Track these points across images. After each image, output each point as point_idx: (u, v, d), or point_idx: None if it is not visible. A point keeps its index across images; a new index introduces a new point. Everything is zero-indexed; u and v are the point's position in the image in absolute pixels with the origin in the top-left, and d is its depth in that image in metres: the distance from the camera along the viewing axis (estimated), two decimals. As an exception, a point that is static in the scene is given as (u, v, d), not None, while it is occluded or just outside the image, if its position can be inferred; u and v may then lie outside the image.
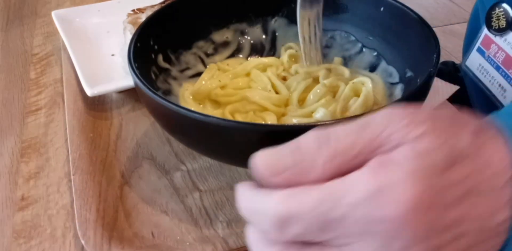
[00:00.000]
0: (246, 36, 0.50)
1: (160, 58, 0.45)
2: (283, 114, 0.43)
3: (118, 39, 0.60)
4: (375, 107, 0.43)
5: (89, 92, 0.50)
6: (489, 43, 0.48)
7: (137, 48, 0.40)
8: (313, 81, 0.45)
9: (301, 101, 0.44)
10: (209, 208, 0.40)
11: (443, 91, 0.49)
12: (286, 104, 0.44)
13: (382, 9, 0.44)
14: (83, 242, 0.37)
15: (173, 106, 0.32)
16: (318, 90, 0.43)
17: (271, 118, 0.42)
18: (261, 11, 0.50)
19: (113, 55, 0.58)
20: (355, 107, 0.41)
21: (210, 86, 0.45)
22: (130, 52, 0.39)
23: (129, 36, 0.48)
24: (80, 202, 0.40)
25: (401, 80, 0.43)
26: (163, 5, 0.54)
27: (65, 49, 0.59)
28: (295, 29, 0.50)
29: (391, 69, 0.45)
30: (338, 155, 0.25)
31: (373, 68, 0.46)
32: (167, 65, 0.45)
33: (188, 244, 0.37)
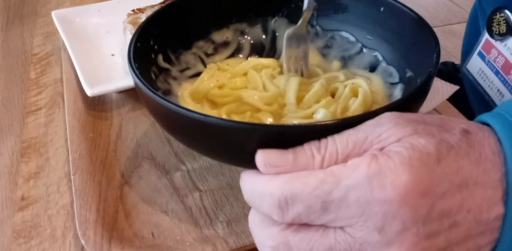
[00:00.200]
0: (246, 36, 0.50)
1: (160, 58, 0.45)
2: (278, 114, 0.43)
3: (118, 39, 0.60)
4: (375, 107, 0.43)
5: (89, 92, 0.50)
6: (490, 47, 0.48)
7: (137, 48, 0.40)
8: (303, 80, 0.45)
9: (298, 100, 0.44)
10: (209, 208, 0.40)
11: (443, 91, 0.49)
12: (279, 102, 0.43)
13: (382, 9, 0.44)
14: (83, 242, 0.37)
15: (173, 106, 0.32)
16: (316, 89, 0.43)
17: (268, 119, 0.41)
18: (261, 11, 0.50)
19: (113, 55, 0.59)
20: (354, 107, 0.41)
21: (208, 86, 0.45)
22: (130, 52, 0.39)
23: (129, 36, 0.48)
24: (80, 202, 0.40)
25: (401, 80, 0.43)
26: (163, 5, 0.54)
27: (65, 49, 0.59)
28: (295, 29, 0.50)
29: (391, 69, 0.45)
30: (334, 152, 0.26)
31: (373, 68, 0.46)
32: (167, 65, 0.45)
33: (188, 244, 0.37)
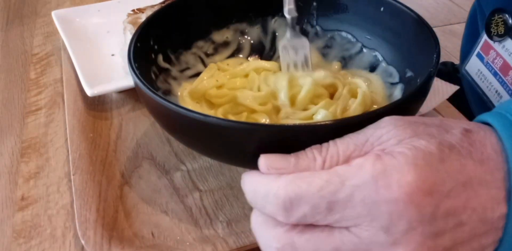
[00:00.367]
0: (246, 36, 0.50)
1: (160, 58, 0.45)
2: (274, 114, 0.42)
3: (118, 39, 0.60)
4: (375, 107, 0.43)
5: (89, 92, 0.50)
6: (488, 49, 0.48)
7: (137, 48, 0.40)
8: (294, 75, 0.44)
9: (292, 98, 0.43)
10: (209, 208, 0.40)
11: (443, 91, 0.49)
12: (273, 102, 0.43)
13: (382, 9, 0.44)
14: (83, 242, 0.37)
15: (173, 106, 0.32)
16: (308, 88, 0.42)
17: (263, 120, 0.41)
18: (261, 11, 0.50)
19: (113, 55, 0.59)
20: (354, 108, 0.41)
21: (206, 85, 0.45)
22: (130, 52, 0.39)
23: (129, 36, 0.48)
24: (80, 202, 0.40)
25: (401, 80, 0.43)
26: (163, 5, 0.54)
27: (65, 49, 0.59)
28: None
29: (391, 69, 0.45)
30: (335, 154, 0.26)
31: (373, 68, 0.46)
32: (167, 65, 0.45)
33: (188, 244, 0.37)
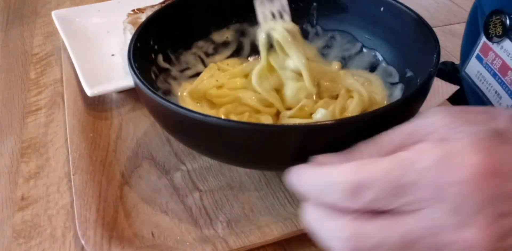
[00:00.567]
0: (246, 36, 0.50)
1: (160, 58, 0.45)
2: (277, 114, 0.43)
3: (118, 39, 0.60)
4: (374, 107, 0.43)
5: (89, 92, 0.50)
6: (487, 50, 0.48)
7: (137, 48, 0.40)
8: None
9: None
10: (209, 208, 0.40)
11: (443, 91, 0.49)
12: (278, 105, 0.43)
13: (382, 9, 0.44)
14: (83, 242, 0.37)
15: (173, 106, 0.32)
16: (296, 87, 0.42)
17: (266, 120, 0.41)
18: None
19: (113, 55, 0.59)
20: (352, 107, 0.41)
21: (207, 85, 0.45)
22: (130, 52, 0.39)
23: (129, 36, 0.47)
24: (80, 202, 0.40)
25: (401, 80, 0.43)
26: (163, 5, 0.54)
27: (65, 49, 0.59)
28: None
29: (391, 69, 0.45)
30: (389, 143, 0.28)
31: (373, 68, 0.46)
32: (167, 65, 0.45)
33: (188, 244, 0.37)
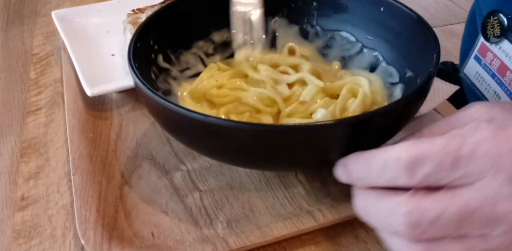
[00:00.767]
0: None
1: (160, 58, 0.45)
2: (278, 113, 0.43)
3: (118, 39, 0.60)
4: (375, 107, 0.43)
5: (89, 92, 0.50)
6: (485, 51, 0.48)
7: (137, 48, 0.40)
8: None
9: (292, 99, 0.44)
10: (209, 208, 0.40)
11: (443, 91, 0.49)
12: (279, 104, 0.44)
13: (382, 9, 0.44)
14: (83, 242, 0.37)
15: (173, 106, 0.32)
16: (309, 90, 0.43)
17: (267, 120, 0.41)
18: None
19: (113, 55, 0.58)
20: (353, 107, 0.41)
21: (207, 85, 0.45)
22: (130, 52, 0.39)
23: (129, 36, 0.47)
24: (80, 202, 0.40)
25: (401, 80, 0.43)
26: (163, 5, 0.54)
27: (65, 49, 0.59)
28: (295, 29, 0.50)
29: (391, 69, 0.45)
30: (435, 131, 0.30)
31: (373, 68, 0.46)
32: (167, 65, 0.45)
33: (188, 244, 0.37)
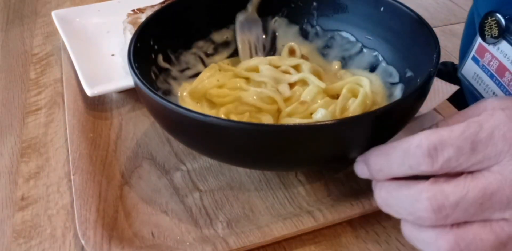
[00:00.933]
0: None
1: (160, 58, 0.45)
2: (278, 112, 0.43)
3: (118, 39, 0.60)
4: (375, 107, 0.43)
5: (89, 92, 0.50)
6: (483, 52, 0.48)
7: (137, 48, 0.40)
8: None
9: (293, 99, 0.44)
10: (209, 208, 0.40)
11: (443, 91, 0.49)
12: (279, 102, 0.43)
13: (382, 9, 0.44)
14: (83, 242, 0.37)
15: (173, 106, 0.33)
16: (311, 90, 0.43)
17: (267, 120, 0.41)
18: (261, 11, 0.50)
19: (113, 55, 0.58)
20: (354, 107, 0.41)
21: (207, 85, 0.45)
22: (130, 52, 0.39)
23: (129, 36, 0.48)
24: (80, 202, 0.40)
25: (401, 80, 0.43)
26: (163, 5, 0.54)
27: (65, 49, 0.59)
28: (295, 29, 0.50)
29: (391, 69, 0.45)
30: (453, 122, 0.31)
31: (373, 68, 0.46)
32: (167, 65, 0.45)
33: (188, 244, 0.37)
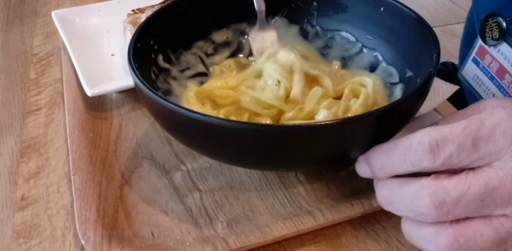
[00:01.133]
0: (246, 36, 0.50)
1: (160, 58, 0.45)
2: (278, 115, 0.43)
3: (118, 39, 0.60)
4: (375, 108, 0.43)
5: (89, 92, 0.50)
6: (484, 53, 0.48)
7: (137, 48, 0.40)
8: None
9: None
10: (209, 208, 0.40)
11: (443, 91, 0.49)
12: (278, 107, 0.43)
13: (382, 9, 0.44)
14: (83, 242, 0.37)
15: (173, 106, 0.33)
16: (316, 92, 0.43)
17: (265, 121, 0.41)
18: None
19: (113, 55, 0.59)
20: (355, 108, 0.41)
21: (214, 85, 0.45)
22: (130, 52, 0.39)
23: (129, 36, 0.48)
24: (80, 202, 0.40)
25: (401, 80, 0.43)
26: (163, 5, 0.54)
27: (65, 49, 0.59)
28: (295, 29, 0.50)
29: (391, 69, 0.45)
30: (453, 120, 0.30)
31: (373, 68, 0.46)
32: (167, 65, 0.45)
33: (188, 244, 0.37)
